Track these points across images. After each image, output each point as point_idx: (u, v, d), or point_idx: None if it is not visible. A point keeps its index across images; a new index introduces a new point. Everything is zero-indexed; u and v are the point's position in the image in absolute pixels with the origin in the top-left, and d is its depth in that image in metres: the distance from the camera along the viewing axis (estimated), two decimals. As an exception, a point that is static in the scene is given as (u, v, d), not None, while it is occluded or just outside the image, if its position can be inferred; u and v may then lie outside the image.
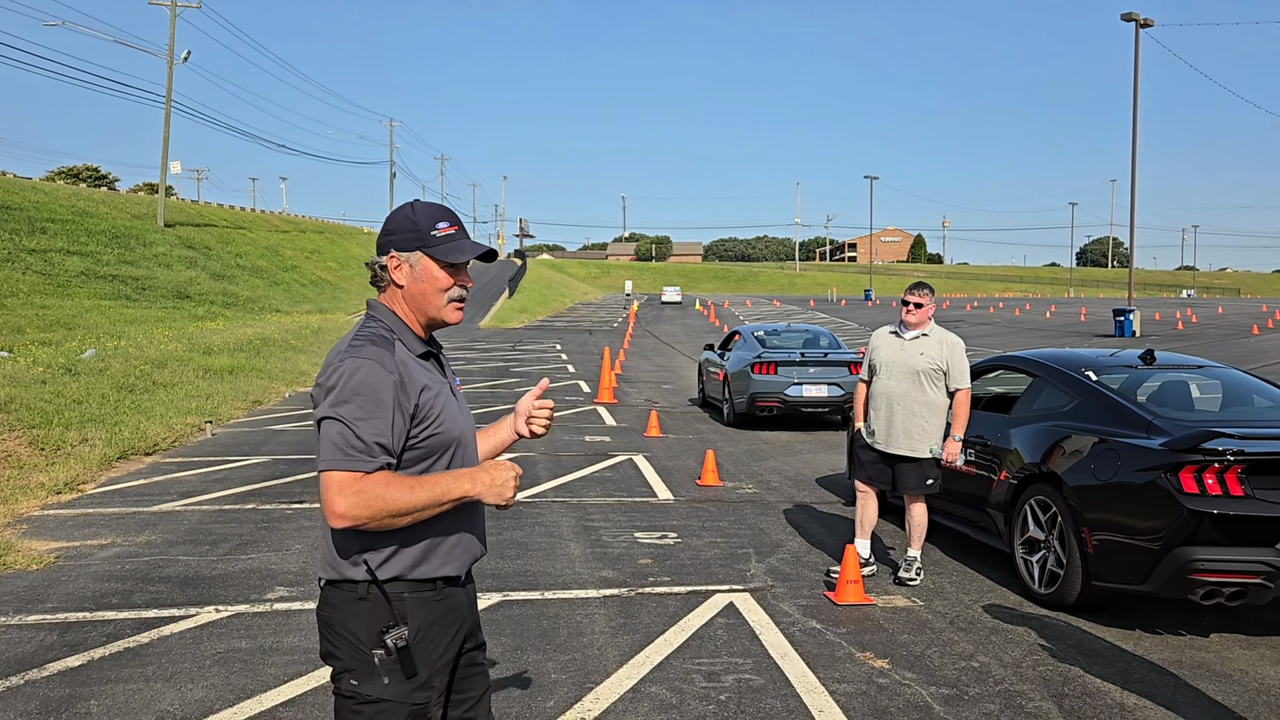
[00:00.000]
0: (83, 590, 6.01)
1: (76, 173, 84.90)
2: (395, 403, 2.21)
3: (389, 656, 2.22)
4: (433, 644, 2.30)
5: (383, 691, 2.23)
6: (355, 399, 2.17)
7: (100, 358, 15.95)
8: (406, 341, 2.34)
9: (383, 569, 2.24)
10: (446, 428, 2.32)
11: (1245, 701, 4.50)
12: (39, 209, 38.37)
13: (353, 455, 2.14)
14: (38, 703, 4.33)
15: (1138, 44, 35.69)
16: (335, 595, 2.27)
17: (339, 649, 2.25)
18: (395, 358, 2.25)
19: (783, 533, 7.69)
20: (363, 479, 2.14)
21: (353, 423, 2.15)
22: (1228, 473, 5.05)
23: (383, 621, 2.23)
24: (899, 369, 6.22)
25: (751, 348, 14.51)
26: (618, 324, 49.28)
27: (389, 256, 2.35)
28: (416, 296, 2.36)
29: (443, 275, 2.36)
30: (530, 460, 10.94)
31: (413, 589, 2.27)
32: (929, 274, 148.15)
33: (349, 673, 2.25)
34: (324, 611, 2.29)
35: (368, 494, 2.13)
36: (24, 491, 8.70)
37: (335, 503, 2.13)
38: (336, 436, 2.15)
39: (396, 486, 2.16)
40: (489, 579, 6.31)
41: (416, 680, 2.26)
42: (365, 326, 2.33)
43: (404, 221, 2.37)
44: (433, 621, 2.30)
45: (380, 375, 2.20)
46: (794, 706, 4.38)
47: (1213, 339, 35.23)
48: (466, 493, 2.24)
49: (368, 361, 2.20)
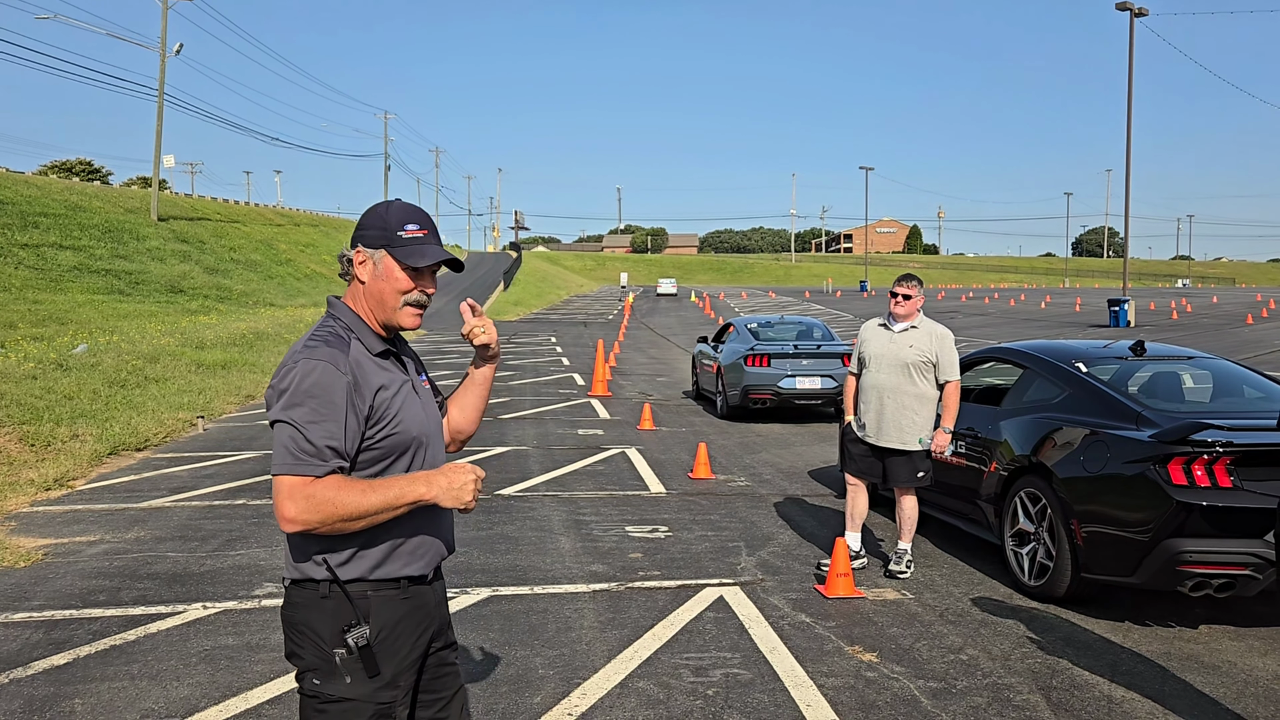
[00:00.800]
0: (70, 588, 5.99)
1: (69, 167, 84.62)
2: (348, 405, 2.18)
3: (350, 655, 2.20)
4: (398, 642, 2.28)
5: (345, 690, 2.21)
6: (308, 402, 2.15)
7: (92, 353, 15.89)
8: (365, 340, 2.31)
9: (344, 569, 2.22)
10: (405, 428, 2.29)
11: (1233, 693, 4.50)
12: (31, 203, 38.22)
13: (303, 459, 2.12)
14: (21, 702, 4.31)
15: (1132, 33, 35.65)
16: (298, 594, 2.25)
17: (302, 648, 2.23)
18: (350, 358, 2.23)
19: (774, 526, 7.68)
20: (313, 483, 2.12)
21: (304, 426, 2.13)
22: (1216, 464, 5.04)
23: (345, 620, 2.21)
24: (888, 362, 6.20)
25: (745, 340, 14.49)
26: (613, 316, 49.24)
27: (356, 251, 2.34)
28: (375, 295, 2.34)
29: (403, 277, 2.33)
30: (522, 454, 10.92)
31: (376, 588, 2.25)
32: (924, 264, 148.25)
33: (312, 671, 2.23)
34: (287, 611, 2.27)
35: (318, 498, 2.11)
36: (13, 488, 8.66)
37: (285, 507, 2.11)
38: (288, 440, 2.13)
39: (348, 490, 2.13)
40: (478, 574, 6.29)
41: (380, 679, 2.24)
42: (322, 325, 2.31)
43: (376, 218, 2.34)
44: (398, 620, 2.28)
45: (333, 377, 2.18)
46: (781, 701, 4.37)
47: (1207, 328, 35.28)
48: (421, 496, 2.20)
49: (320, 363, 2.18)
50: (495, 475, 9.66)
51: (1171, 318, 42.49)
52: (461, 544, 7.03)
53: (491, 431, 12.61)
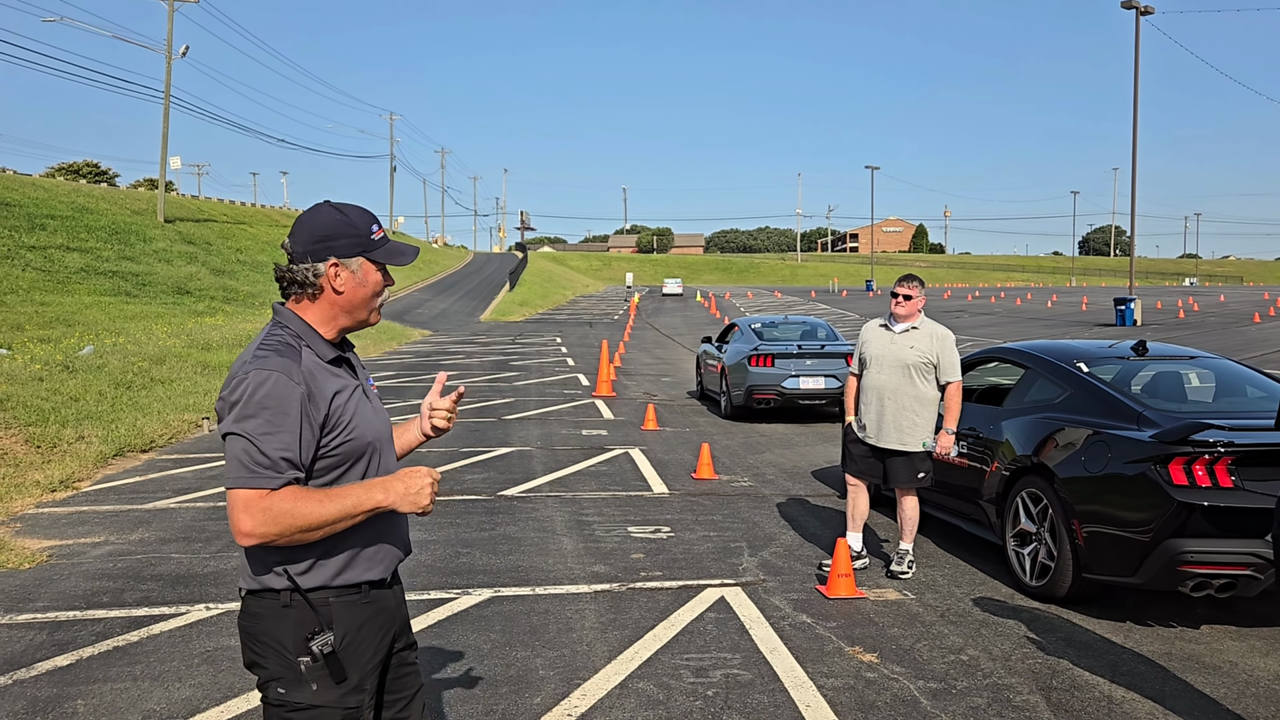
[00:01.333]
0: (74, 589, 6.02)
1: (76, 169, 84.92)
2: (303, 415, 2.16)
3: (316, 663, 2.19)
4: (362, 646, 2.28)
5: (312, 698, 2.20)
6: (261, 413, 2.12)
7: (98, 354, 15.95)
8: (316, 348, 2.28)
9: (305, 578, 2.21)
10: (359, 434, 2.28)
11: (1234, 693, 4.50)
12: (39, 205, 38.37)
13: (258, 472, 2.09)
14: (25, 703, 4.34)
15: (1138, 31, 35.56)
16: (258, 604, 2.23)
17: (264, 658, 2.22)
18: (302, 367, 2.20)
19: (776, 526, 7.68)
20: (269, 496, 2.09)
21: (258, 438, 2.10)
22: (1217, 464, 5.03)
23: (308, 628, 2.20)
24: (889, 363, 6.20)
25: (749, 340, 14.49)
26: (618, 316, 49.26)
27: (329, 264, 2.28)
28: (354, 302, 2.32)
29: (379, 279, 2.34)
30: (526, 454, 10.94)
31: (338, 594, 2.25)
32: (930, 264, 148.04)
33: (276, 680, 2.21)
34: (246, 621, 2.25)
35: (274, 511, 2.08)
36: (19, 489, 8.71)
37: (241, 521, 2.08)
38: (241, 453, 2.10)
39: (305, 501, 2.11)
40: (480, 575, 6.31)
41: (347, 684, 2.24)
42: (271, 334, 2.26)
43: (342, 226, 2.30)
44: (361, 624, 2.28)
45: (287, 387, 2.15)
46: (781, 702, 4.37)
47: (1214, 327, 35.17)
48: (379, 503, 2.18)
49: (274, 373, 2.15)
50: (498, 476, 9.68)
51: (1178, 316, 42.37)
52: (464, 544, 7.05)
53: (496, 432, 12.63)
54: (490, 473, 9.87)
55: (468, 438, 12.15)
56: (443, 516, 7.94)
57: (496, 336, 34.22)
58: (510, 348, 28.79)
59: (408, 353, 26.74)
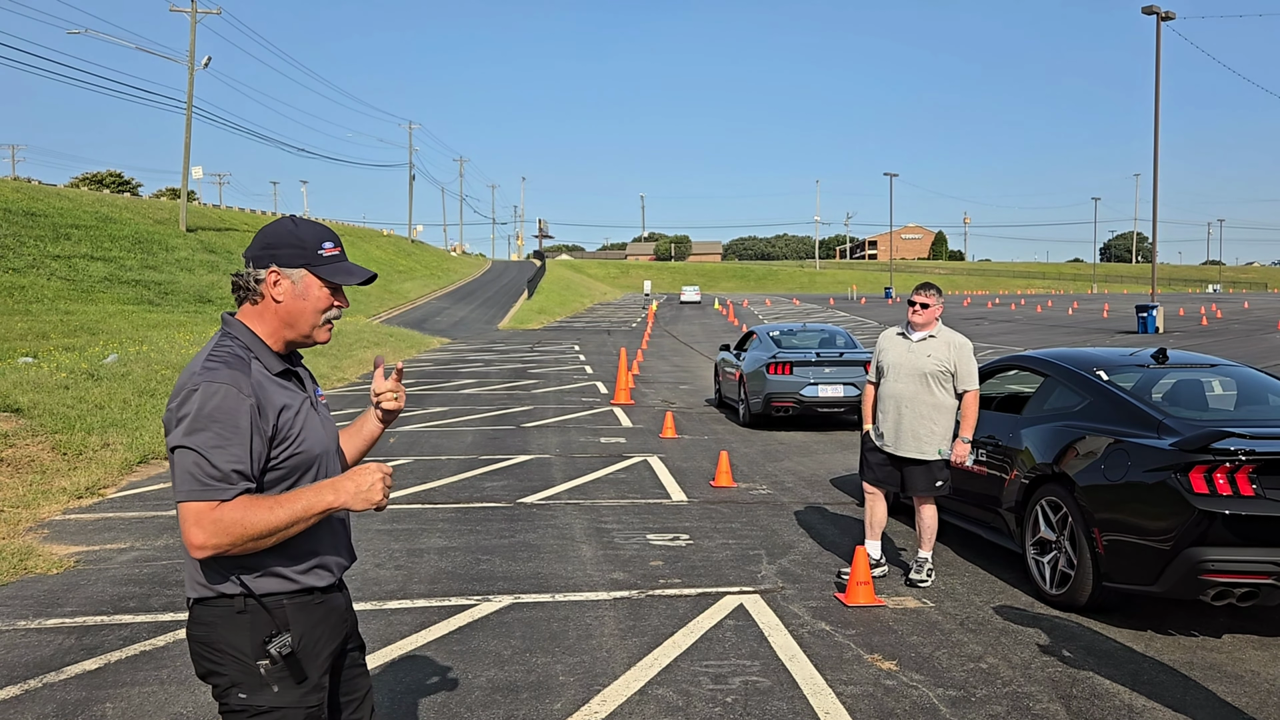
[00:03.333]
0: (101, 594, 6.11)
1: (100, 179, 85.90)
2: (253, 427, 2.16)
3: (275, 665, 2.21)
4: (318, 645, 2.31)
5: (274, 700, 2.22)
6: (211, 426, 2.11)
7: (122, 363, 16.13)
8: (264, 360, 2.28)
9: (257, 583, 2.23)
10: (308, 446, 2.29)
11: (1256, 702, 4.48)
12: (63, 215, 38.86)
13: (210, 485, 2.10)
14: (54, 706, 4.41)
15: (1159, 37, 35.37)
16: (209, 612, 2.23)
17: (222, 665, 2.22)
18: (251, 379, 2.20)
19: (795, 534, 7.69)
20: (219, 508, 2.10)
21: (208, 451, 2.10)
22: (1238, 473, 5.01)
23: (265, 631, 2.21)
24: (906, 371, 6.20)
25: (767, 348, 14.51)
26: (636, 324, 49.32)
27: (269, 271, 2.30)
28: (294, 314, 2.32)
29: (323, 295, 2.34)
30: (545, 462, 10.99)
31: (291, 597, 2.27)
32: (950, 271, 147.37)
33: (236, 687, 2.21)
34: (199, 630, 2.24)
35: (225, 521, 2.09)
36: (46, 496, 8.83)
37: (193, 534, 2.08)
38: (192, 467, 2.10)
39: (255, 509, 2.11)
40: (500, 582, 6.35)
41: (308, 683, 2.26)
42: (219, 346, 2.26)
43: (288, 236, 2.32)
44: (315, 623, 2.31)
45: (236, 400, 2.15)
46: (800, 709, 4.39)
47: (1237, 335, 34.85)
48: (330, 504, 2.18)
49: (223, 386, 2.15)
50: (518, 483, 9.74)
51: (1201, 324, 42.00)
52: (483, 551, 7.10)
53: (515, 440, 12.69)
54: (510, 480, 9.92)
55: (487, 445, 12.22)
56: (463, 524, 8.00)
57: (515, 344, 34.33)
58: (529, 356, 28.88)
59: (426, 360, 26.88)
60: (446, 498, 9.05)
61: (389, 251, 74.94)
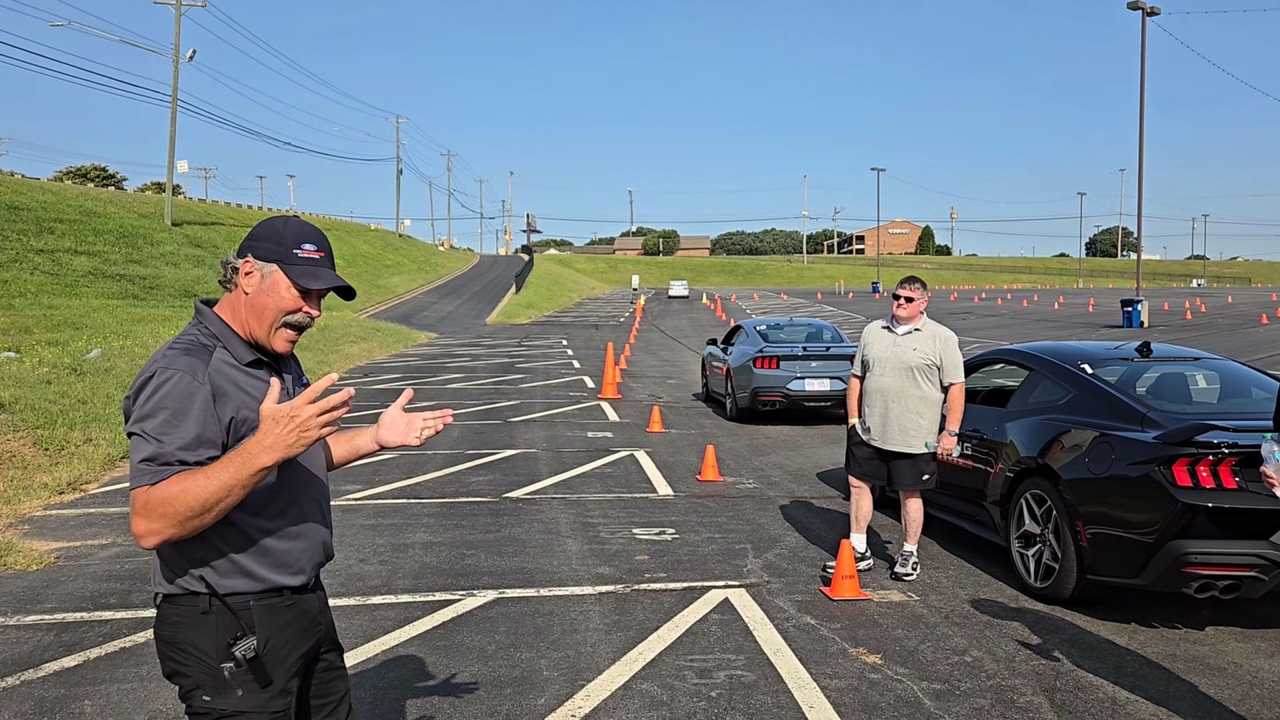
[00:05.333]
0: (81, 590, 6.05)
1: (84, 173, 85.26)
2: (205, 413, 2.12)
3: (239, 669, 2.17)
4: (285, 649, 2.25)
5: (238, 704, 2.17)
6: (161, 413, 2.09)
7: (106, 357, 16.02)
8: (233, 349, 2.24)
9: (222, 583, 2.18)
10: None
11: (1238, 695, 4.49)
12: (47, 209, 38.53)
13: (148, 470, 2.05)
14: (32, 703, 4.37)
15: (1144, 32, 35.50)
16: (175, 611, 2.19)
17: (186, 665, 2.18)
18: (210, 367, 2.17)
19: (781, 528, 7.69)
20: (151, 490, 2.04)
21: (155, 435, 2.07)
22: (1221, 465, 5.03)
23: (230, 633, 2.17)
24: (892, 365, 6.20)
25: (754, 342, 14.51)
26: (624, 319, 49.30)
27: (245, 260, 2.28)
28: (255, 308, 2.27)
29: (290, 296, 2.27)
30: (532, 456, 10.96)
31: (258, 598, 2.22)
32: (937, 265, 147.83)
33: (200, 689, 2.18)
34: (165, 630, 2.20)
35: (155, 501, 2.02)
36: (27, 492, 8.75)
37: (135, 522, 2.04)
38: (138, 452, 2.08)
39: (187, 481, 2.03)
40: (485, 576, 6.33)
41: (272, 688, 2.22)
42: (185, 333, 2.25)
43: (271, 232, 2.29)
44: (283, 626, 2.25)
45: (189, 386, 2.11)
46: (785, 703, 4.38)
47: (1221, 329, 35.07)
48: (262, 462, 2.03)
49: (177, 373, 2.12)
50: (504, 478, 9.70)
51: (1185, 318, 42.25)
52: (469, 546, 7.07)
53: (501, 434, 12.66)
54: (495, 475, 9.89)
55: (473, 440, 12.18)
56: (448, 519, 7.97)
57: (502, 339, 34.27)
58: (516, 350, 28.83)
59: (414, 355, 26.80)
60: (432, 492, 9.02)
61: (376, 246, 74.66)
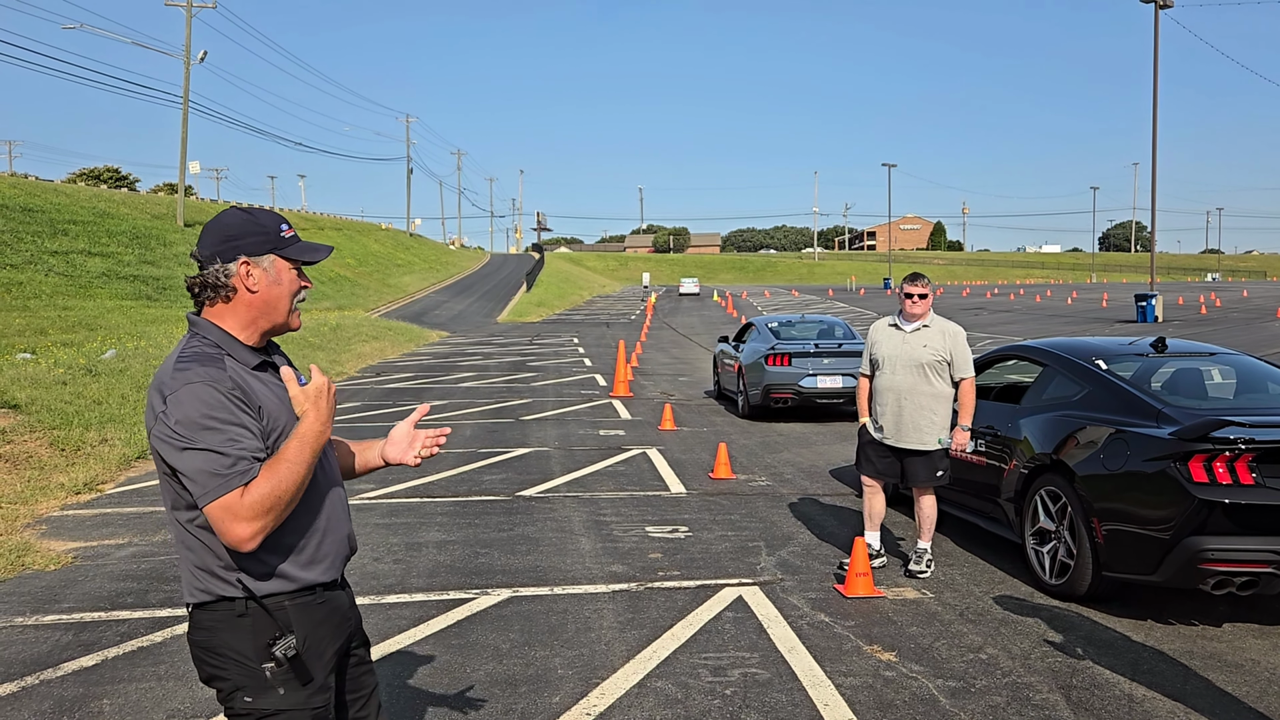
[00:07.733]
0: (99, 590, 6.09)
1: (97, 174, 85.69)
2: (244, 412, 2.16)
3: (280, 668, 2.19)
4: (321, 645, 2.29)
5: (280, 703, 2.20)
6: (209, 422, 2.10)
7: (120, 358, 16.11)
8: (238, 356, 2.26)
9: (258, 585, 2.20)
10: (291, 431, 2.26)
11: (1256, 691, 4.47)
12: (60, 211, 38.75)
13: (229, 475, 2.08)
14: (51, 702, 4.40)
15: (1157, 25, 35.28)
16: (210, 617, 2.22)
17: (225, 669, 2.21)
18: (227, 374, 2.19)
19: (794, 525, 7.68)
20: (247, 490, 2.09)
21: (216, 446, 2.09)
22: (1237, 461, 5.00)
23: (268, 634, 2.20)
24: (903, 362, 6.18)
25: (765, 339, 14.49)
26: (635, 316, 49.30)
27: (239, 263, 2.25)
28: (270, 302, 2.29)
29: (293, 277, 2.32)
30: (544, 455, 10.98)
31: (292, 597, 2.25)
32: (949, 261, 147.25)
33: (241, 690, 2.20)
34: (200, 635, 2.23)
35: (256, 498, 2.08)
36: (44, 492, 8.81)
37: (235, 529, 2.07)
38: (205, 465, 2.08)
39: (278, 472, 2.11)
40: (499, 575, 6.34)
41: (314, 685, 2.25)
42: (188, 346, 2.24)
43: (249, 225, 2.29)
44: (318, 623, 2.29)
45: (221, 391, 2.14)
46: (799, 700, 4.38)
47: (1236, 323, 34.84)
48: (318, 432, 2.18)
49: (200, 382, 2.14)
50: (516, 476, 9.72)
51: (1200, 312, 41.98)
52: (482, 545, 7.09)
53: (514, 433, 12.68)
54: (508, 473, 9.91)
55: (486, 439, 12.20)
56: (461, 517, 7.99)
57: (514, 337, 34.32)
58: (528, 349, 28.87)
59: (426, 354, 26.87)
60: (445, 491, 9.04)
61: (387, 245, 74.85)
